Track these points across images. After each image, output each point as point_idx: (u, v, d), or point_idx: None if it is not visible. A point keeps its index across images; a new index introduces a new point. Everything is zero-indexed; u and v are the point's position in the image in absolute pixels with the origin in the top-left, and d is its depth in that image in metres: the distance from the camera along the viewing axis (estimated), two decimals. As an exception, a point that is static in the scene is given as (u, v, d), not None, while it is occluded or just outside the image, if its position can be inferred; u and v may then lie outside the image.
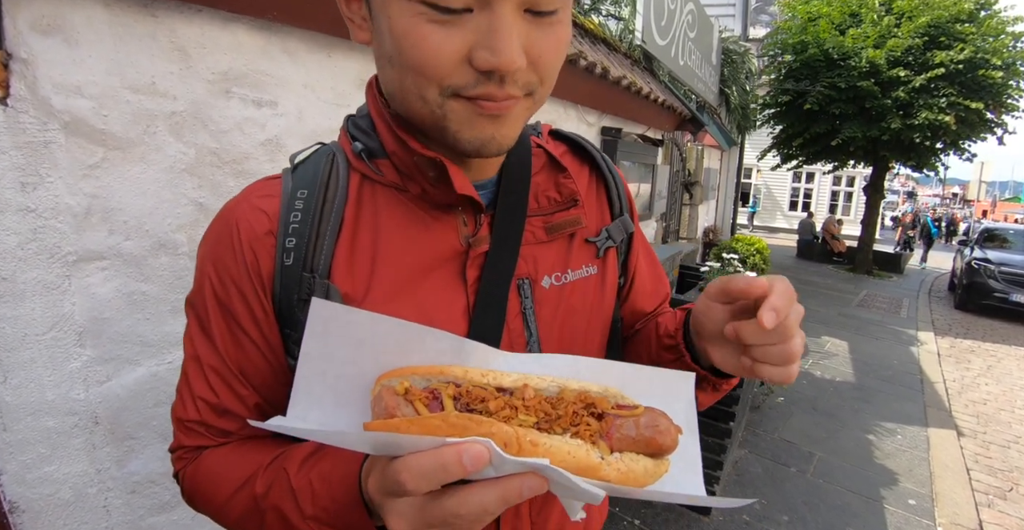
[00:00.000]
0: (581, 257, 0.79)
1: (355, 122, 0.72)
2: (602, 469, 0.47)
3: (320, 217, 0.65)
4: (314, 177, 0.68)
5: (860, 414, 5.16)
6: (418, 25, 0.52)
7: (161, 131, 1.49)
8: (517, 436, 0.45)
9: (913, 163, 12.48)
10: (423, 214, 0.68)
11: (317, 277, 0.64)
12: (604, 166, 0.86)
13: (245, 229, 0.65)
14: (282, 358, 0.68)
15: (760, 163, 17.55)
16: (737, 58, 8.38)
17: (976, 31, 10.55)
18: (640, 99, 4.15)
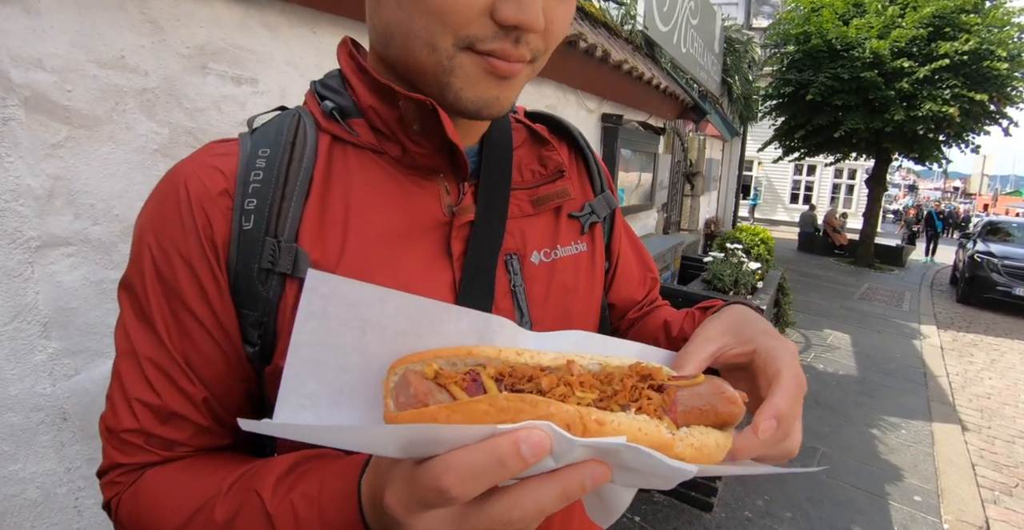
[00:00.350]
0: (569, 233, 0.75)
1: (323, 83, 0.66)
2: (676, 446, 0.40)
3: (286, 176, 0.58)
4: (278, 136, 0.60)
5: (864, 408, 5.11)
6: None
7: (131, 109, 1.40)
8: (580, 416, 0.37)
9: (916, 155, 12.39)
10: (402, 178, 0.62)
11: (283, 241, 0.56)
12: (582, 142, 0.84)
13: (196, 188, 0.56)
14: (238, 345, 0.58)
15: (761, 155, 17.49)
16: (740, 47, 8.27)
17: (981, 22, 10.47)
18: (642, 85, 4.04)
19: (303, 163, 0.59)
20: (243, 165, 0.58)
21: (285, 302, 0.56)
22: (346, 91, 0.63)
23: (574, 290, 0.73)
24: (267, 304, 0.56)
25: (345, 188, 0.60)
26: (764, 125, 13.78)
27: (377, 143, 0.62)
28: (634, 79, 3.81)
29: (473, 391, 0.40)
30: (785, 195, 23.97)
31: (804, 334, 7.22)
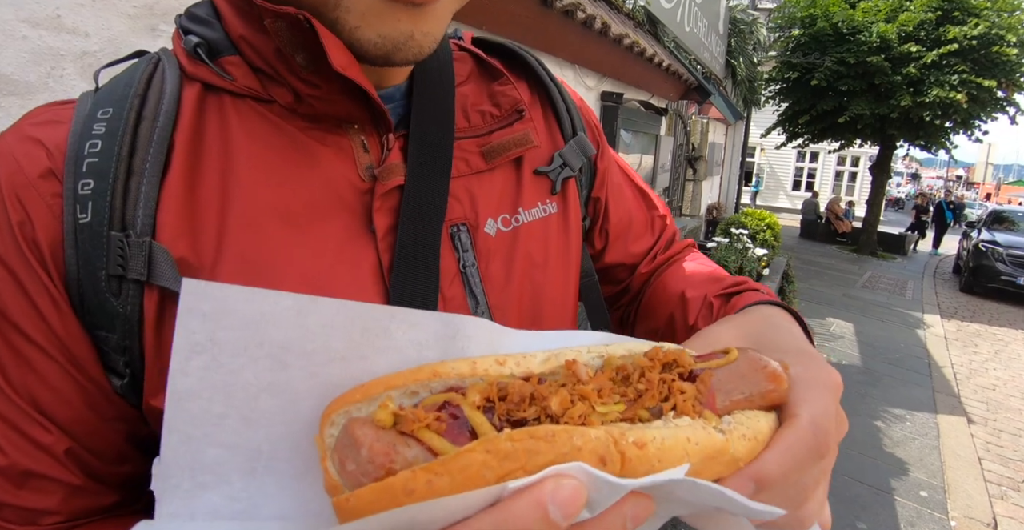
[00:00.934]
0: (535, 192, 0.58)
1: (189, 12, 0.49)
2: (729, 447, 0.32)
3: (132, 143, 0.42)
4: (125, 89, 0.44)
5: (868, 399, 5.03)
6: None
7: (70, 74, 1.26)
8: (614, 441, 0.28)
9: (922, 142, 12.35)
10: (298, 134, 0.46)
11: (133, 235, 0.41)
12: (544, 75, 0.65)
13: (7, 171, 0.41)
14: (99, 378, 0.43)
15: (763, 141, 17.33)
16: (745, 28, 8.10)
17: (991, 6, 10.38)
18: (643, 62, 3.87)
19: (157, 123, 0.43)
20: (76, 134, 0.42)
21: (146, 318, 0.42)
22: (217, 19, 0.47)
23: (543, 264, 0.57)
24: (126, 321, 0.42)
25: (222, 154, 0.45)
26: (767, 111, 13.70)
27: (261, 88, 0.46)
28: (635, 55, 3.64)
29: (456, 434, 0.28)
30: (787, 182, 23.84)
31: (806, 323, 7.11)
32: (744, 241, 4.04)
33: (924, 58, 10.33)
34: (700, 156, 5.60)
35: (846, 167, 22.84)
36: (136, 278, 0.41)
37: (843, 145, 13.47)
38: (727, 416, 0.35)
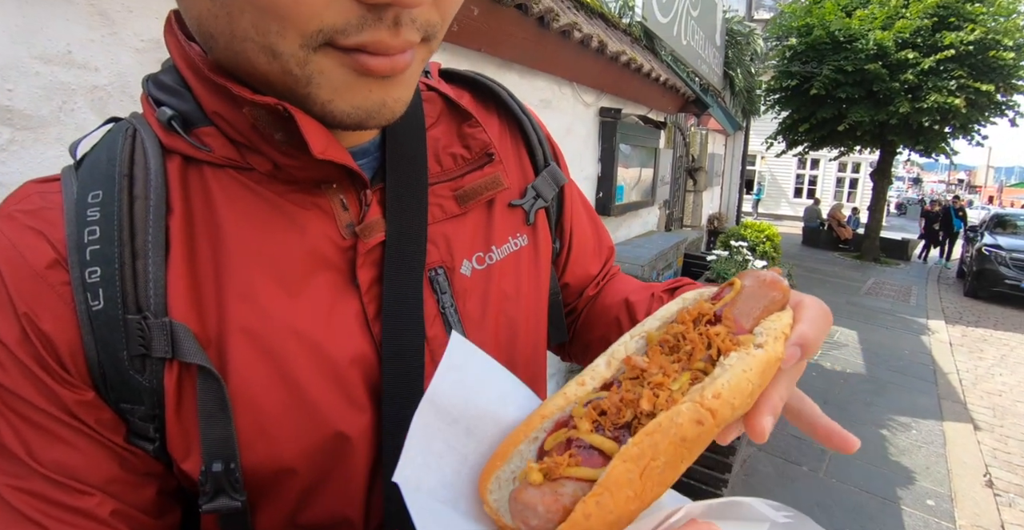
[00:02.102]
0: (506, 228, 0.61)
1: (157, 81, 0.50)
2: (772, 354, 0.40)
3: (131, 226, 0.44)
4: (109, 168, 0.45)
5: (872, 407, 5.01)
6: None
7: (80, 107, 1.30)
8: (700, 404, 0.36)
9: (921, 148, 12.37)
10: (279, 200, 0.48)
11: (151, 317, 0.42)
12: (515, 106, 0.67)
13: (11, 266, 0.42)
14: (125, 442, 0.45)
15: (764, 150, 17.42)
16: (742, 39, 8.16)
17: (987, 11, 10.45)
18: (641, 77, 3.90)
19: (150, 202, 0.44)
20: (72, 221, 0.43)
21: (167, 390, 0.44)
22: (186, 89, 0.47)
23: (516, 297, 0.60)
24: (152, 394, 0.44)
25: (210, 226, 0.46)
26: (767, 119, 13.74)
27: (239, 157, 0.47)
28: (633, 71, 3.68)
29: (591, 460, 0.36)
30: (789, 189, 23.82)
31: (810, 331, 7.10)
32: (744, 253, 4.07)
33: (921, 64, 10.39)
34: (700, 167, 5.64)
35: (847, 174, 22.82)
36: (161, 356, 0.42)
37: (843, 152, 13.53)
38: (757, 329, 0.42)
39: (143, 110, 0.50)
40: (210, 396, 0.43)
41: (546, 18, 2.55)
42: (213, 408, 0.43)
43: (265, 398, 0.45)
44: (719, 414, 0.36)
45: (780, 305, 0.45)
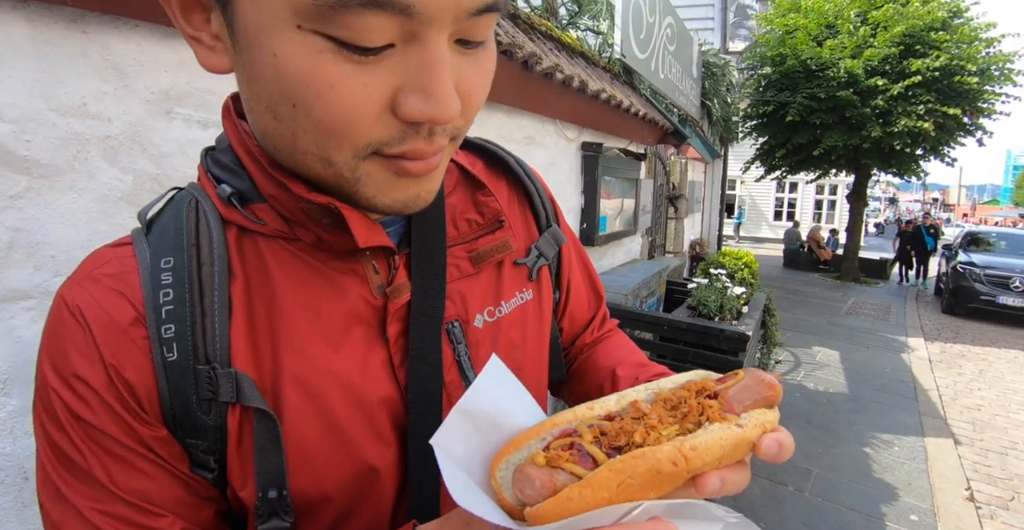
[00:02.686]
0: (513, 284, 0.69)
1: (215, 158, 0.57)
2: (747, 435, 0.46)
3: (200, 289, 0.51)
4: (178, 237, 0.52)
5: (855, 426, 5.09)
6: (324, 68, 0.40)
7: (94, 156, 1.37)
8: (679, 450, 0.43)
9: (894, 170, 12.71)
10: (322, 267, 0.55)
11: (218, 368, 0.49)
12: (522, 173, 0.75)
13: (98, 322, 0.49)
14: (189, 471, 0.52)
15: (744, 174, 17.70)
16: (718, 70, 8.42)
17: (950, 39, 10.81)
18: (621, 113, 4.06)
19: (215, 268, 0.51)
20: (148, 284, 0.50)
21: (230, 430, 0.51)
22: (243, 170, 0.54)
23: (522, 345, 0.68)
24: (215, 432, 0.51)
25: (264, 289, 0.53)
26: (745, 145, 14.04)
27: (288, 230, 0.54)
28: (613, 107, 3.83)
29: (584, 462, 0.44)
30: (769, 213, 24.20)
31: (793, 352, 7.22)
32: (723, 281, 4.18)
33: (890, 90, 10.74)
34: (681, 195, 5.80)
35: (825, 196, 23.25)
36: (226, 401, 0.49)
37: (820, 175, 13.82)
38: (744, 414, 0.48)
39: (200, 180, 0.57)
40: (266, 434, 0.50)
41: (530, 62, 2.69)
42: (268, 444, 0.50)
43: (311, 435, 0.52)
44: (691, 462, 0.42)
45: (769, 403, 0.50)
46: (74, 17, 1.29)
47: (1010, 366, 7.53)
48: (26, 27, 1.23)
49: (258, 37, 0.40)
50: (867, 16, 11.39)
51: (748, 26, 16.29)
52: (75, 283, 0.51)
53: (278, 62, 0.40)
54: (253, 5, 0.40)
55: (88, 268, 0.52)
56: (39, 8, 1.24)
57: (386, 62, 0.41)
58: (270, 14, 0.39)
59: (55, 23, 1.27)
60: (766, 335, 4.85)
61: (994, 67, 11.01)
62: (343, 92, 0.40)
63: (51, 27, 1.26)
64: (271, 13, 0.39)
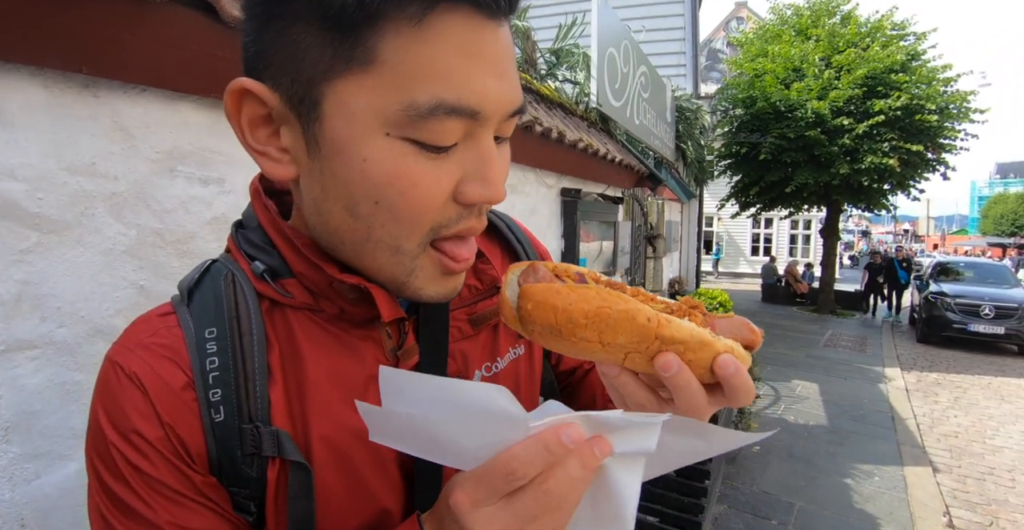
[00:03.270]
0: (506, 341, 0.76)
1: (246, 237, 0.63)
2: (715, 342, 0.49)
3: (243, 356, 0.56)
4: (218, 308, 0.58)
5: (836, 458, 5.15)
6: (409, 168, 0.48)
7: (100, 212, 1.43)
8: (657, 314, 0.47)
9: (864, 205, 13.11)
10: (343, 335, 0.61)
11: (260, 426, 0.55)
12: (512, 239, 0.83)
13: (154, 386, 0.54)
14: (233, 512, 0.58)
15: (720, 211, 18.05)
16: (691, 114, 8.74)
17: (910, 80, 11.33)
18: (598, 160, 4.24)
19: (254, 337, 0.57)
20: (195, 353, 0.55)
21: (270, 480, 0.56)
22: (273, 248, 0.61)
23: (516, 395, 0.74)
24: (257, 482, 0.56)
25: (293, 355, 0.59)
26: (721, 183, 14.40)
27: (314, 302, 0.60)
28: (590, 155, 3.99)
29: (580, 281, 0.50)
30: (746, 248, 24.63)
31: (773, 386, 7.30)
32: (698, 320, 4.28)
33: (856, 129, 11.20)
34: (658, 235, 5.96)
35: (799, 231, 23.80)
36: (269, 455, 0.55)
37: (793, 211, 14.17)
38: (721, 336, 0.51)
39: (232, 254, 0.63)
40: (299, 484, 0.56)
41: (511, 116, 2.83)
42: (301, 493, 0.56)
43: (336, 486, 0.59)
44: (662, 326, 0.47)
45: (748, 344, 0.54)
46: (87, 83, 1.38)
47: (984, 392, 7.71)
48: (43, 92, 1.31)
49: (347, 146, 0.48)
50: (831, 60, 11.91)
51: (720, 69, 16.93)
52: (129, 350, 0.56)
53: (367, 166, 0.48)
54: (346, 119, 0.47)
55: (141, 337, 0.57)
56: (55, 74, 1.33)
57: (452, 158, 0.49)
58: (363, 125, 0.47)
59: (69, 88, 1.35)
60: (745, 370, 4.93)
61: (952, 106, 11.54)
62: (422, 187, 0.48)
63: (65, 92, 1.34)
64: (364, 124, 0.47)
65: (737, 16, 23.34)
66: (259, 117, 0.52)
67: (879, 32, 12.01)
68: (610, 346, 0.48)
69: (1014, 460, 5.39)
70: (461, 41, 0.45)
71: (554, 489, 0.43)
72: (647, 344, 0.47)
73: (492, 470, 0.44)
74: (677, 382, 0.48)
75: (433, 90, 0.45)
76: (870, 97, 11.45)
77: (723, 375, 0.48)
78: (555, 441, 0.43)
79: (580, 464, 0.44)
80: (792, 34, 12.69)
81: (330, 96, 0.47)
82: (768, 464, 4.87)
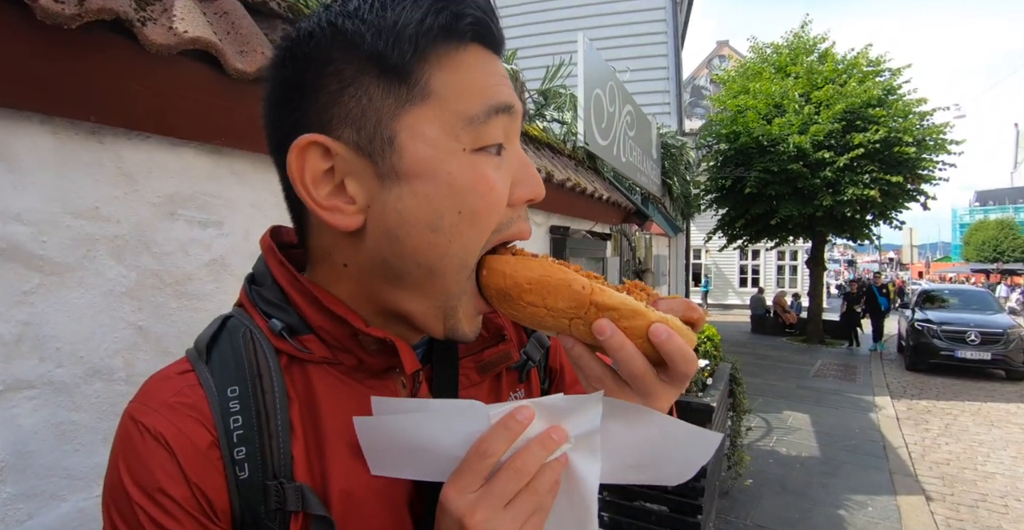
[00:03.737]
0: (508, 386, 0.79)
1: (262, 295, 0.65)
2: (650, 313, 0.53)
3: (266, 415, 0.58)
4: (239, 366, 0.59)
5: (829, 489, 5.13)
6: (486, 173, 0.56)
7: (102, 255, 1.46)
8: (591, 283, 0.53)
9: (848, 235, 13.36)
10: (359, 386, 0.63)
11: (284, 482, 0.56)
12: None
13: (181, 447, 0.55)
14: None
15: (707, 244, 18.25)
16: (676, 151, 8.93)
17: (887, 114, 11.72)
18: (586, 198, 4.31)
19: (276, 395, 0.58)
20: (218, 412, 0.57)
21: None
22: (289, 305, 0.62)
23: None
24: None
25: (312, 409, 0.60)
26: (708, 216, 14.63)
27: (332, 356, 0.62)
28: (578, 194, 4.06)
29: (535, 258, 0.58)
30: (734, 280, 24.87)
31: (764, 418, 7.30)
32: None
33: (837, 162, 11.51)
34: (647, 269, 6.03)
35: (786, 261, 24.13)
36: (292, 510, 0.56)
37: (779, 243, 14.43)
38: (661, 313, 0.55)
39: (247, 309, 0.65)
40: None
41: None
42: None
43: None
44: (595, 294, 0.52)
45: (691, 321, 0.57)
46: (93, 130, 1.42)
47: (974, 418, 7.75)
48: (50, 139, 1.35)
49: (431, 166, 0.54)
50: (810, 96, 12.30)
51: (704, 105, 17.35)
52: (153, 410, 0.56)
53: (453, 178, 0.54)
54: (426, 144, 0.54)
55: (164, 396, 0.58)
56: (63, 122, 1.37)
57: (503, 162, 0.57)
58: (442, 146, 0.54)
59: (76, 135, 1.39)
60: (735, 403, 4.95)
61: (929, 138, 11.94)
62: (497, 188, 0.56)
63: (72, 139, 1.39)
64: (442, 145, 0.54)
65: (719, 54, 24.01)
66: (321, 173, 0.56)
67: (855, 68, 12.46)
68: (554, 311, 0.55)
69: (1006, 486, 5.40)
70: (482, 67, 0.57)
71: (523, 467, 0.50)
72: (584, 309, 0.53)
73: (468, 456, 0.51)
74: (611, 344, 0.53)
75: (479, 101, 0.55)
76: (849, 131, 11.81)
77: (657, 342, 0.52)
78: (511, 420, 0.51)
79: (541, 446, 0.51)
80: (772, 71, 13.13)
81: (403, 131, 0.54)
82: (762, 497, 4.84)
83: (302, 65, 0.56)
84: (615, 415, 0.55)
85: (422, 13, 0.53)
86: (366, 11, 0.54)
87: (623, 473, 0.58)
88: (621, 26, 10.42)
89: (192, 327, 1.66)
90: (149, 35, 1.35)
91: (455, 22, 0.54)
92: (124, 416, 0.58)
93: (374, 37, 0.53)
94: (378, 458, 0.57)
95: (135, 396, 0.59)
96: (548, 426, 0.53)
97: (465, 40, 0.55)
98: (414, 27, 0.53)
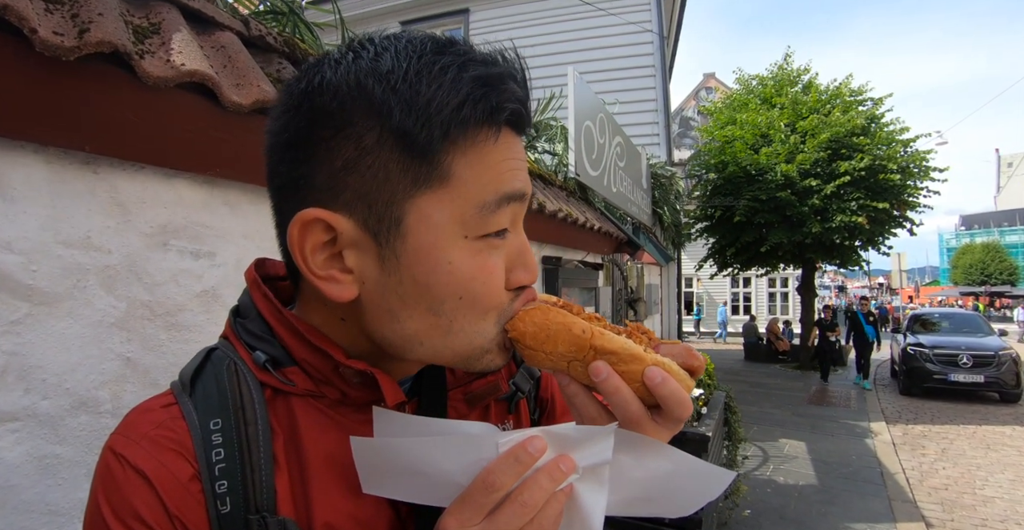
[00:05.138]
0: (497, 418, 0.78)
1: (246, 327, 0.64)
2: (648, 356, 0.53)
3: (249, 448, 0.57)
4: (222, 399, 0.58)
5: (828, 518, 5.06)
6: (487, 261, 0.55)
7: (92, 285, 1.45)
8: (592, 327, 0.53)
9: (837, 261, 13.48)
10: (343, 420, 0.62)
11: (267, 516, 0.55)
12: None
13: (160, 479, 0.54)
14: None
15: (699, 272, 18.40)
16: (666, 181, 9.06)
17: (871, 142, 11.98)
18: (577, 228, 4.35)
19: (259, 427, 0.57)
20: (200, 445, 0.56)
21: None
22: (273, 338, 0.62)
23: None
24: None
25: (295, 443, 0.59)
26: (698, 244, 14.76)
27: (315, 388, 0.61)
28: (570, 224, 4.10)
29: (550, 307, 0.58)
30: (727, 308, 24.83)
31: (760, 447, 7.23)
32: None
33: (824, 190, 11.71)
34: (639, 298, 6.05)
35: (777, 289, 24.29)
36: None
37: (769, 270, 14.53)
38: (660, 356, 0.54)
39: (231, 341, 0.64)
40: None
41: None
42: None
43: None
44: (595, 337, 0.52)
45: (690, 368, 0.56)
46: (87, 159, 1.42)
47: (970, 442, 7.72)
48: (44, 168, 1.34)
49: (432, 253, 0.53)
50: (796, 126, 12.57)
51: (692, 136, 17.67)
52: (134, 442, 0.56)
53: (453, 268, 0.53)
54: (430, 230, 0.52)
55: (144, 428, 0.57)
56: (57, 151, 1.37)
57: (504, 244, 0.56)
58: (447, 233, 0.53)
59: (70, 164, 1.39)
60: (730, 432, 4.91)
61: (913, 165, 12.19)
62: (496, 275, 0.55)
63: (66, 168, 1.38)
64: (447, 232, 0.53)
65: (706, 86, 24.50)
66: (321, 243, 0.55)
67: (838, 98, 12.78)
68: (552, 355, 0.55)
69: (1006, 510, 5.35)
70: (506, 149, 0.55)
71: (529, 501, 0.48)
72: (583, 353, 0.53)
73: (473, 488, 0.49)
74: (607, 387, 0.53)
75: (494, 187, 0.54)
76: (835, 159, 12.04)
77: (651, 385, 0.52)
78: (522, 451, 0.48)
79: (549, 477, 0.49)
80: (758, 103, 13.43)
81: (413, 213, 0.53)
82: (760, 527, 4.77)
83: (320, 117, 0.53)
84: (625, 447, 0.53)
85: (459, 100, 0.50)
86: (399, 80, 0.51)
87: (629, 506, 0.57)
88: (610, 60, 10.68)
89: (181, 359, 1.65)
90: (147, 67, 1.36)
91: (493, 116, 0.52)
92: (105, 449, 0.57)
93: (403, 113, 0.50)
94: (372, 477, 0.55)
95: (116, 428, 0.59)
96: (556, 455, 0.50)
97: (497, 129, 0.54)
98: (449, 114, 0.50)
